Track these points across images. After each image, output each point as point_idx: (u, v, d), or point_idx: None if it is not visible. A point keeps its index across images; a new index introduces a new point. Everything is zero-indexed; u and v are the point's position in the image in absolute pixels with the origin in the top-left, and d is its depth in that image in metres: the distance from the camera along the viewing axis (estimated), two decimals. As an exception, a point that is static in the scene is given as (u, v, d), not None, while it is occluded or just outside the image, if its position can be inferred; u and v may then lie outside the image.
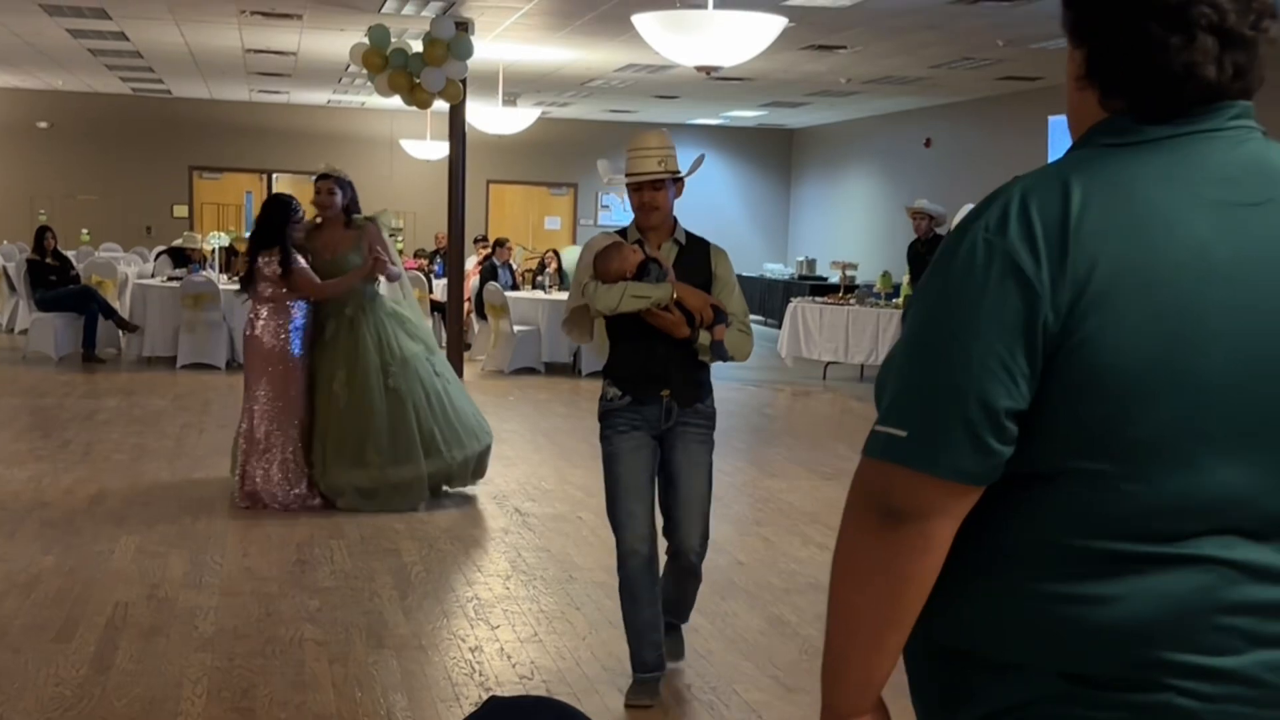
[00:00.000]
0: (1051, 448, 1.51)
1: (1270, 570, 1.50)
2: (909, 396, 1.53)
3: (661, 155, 4.66)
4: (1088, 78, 1.58)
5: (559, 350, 14.67)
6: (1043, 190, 1.50)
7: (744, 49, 8.43)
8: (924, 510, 1.54)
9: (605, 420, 4.72)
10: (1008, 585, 1.56)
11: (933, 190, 15.81)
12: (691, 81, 15.27)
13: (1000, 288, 1.47)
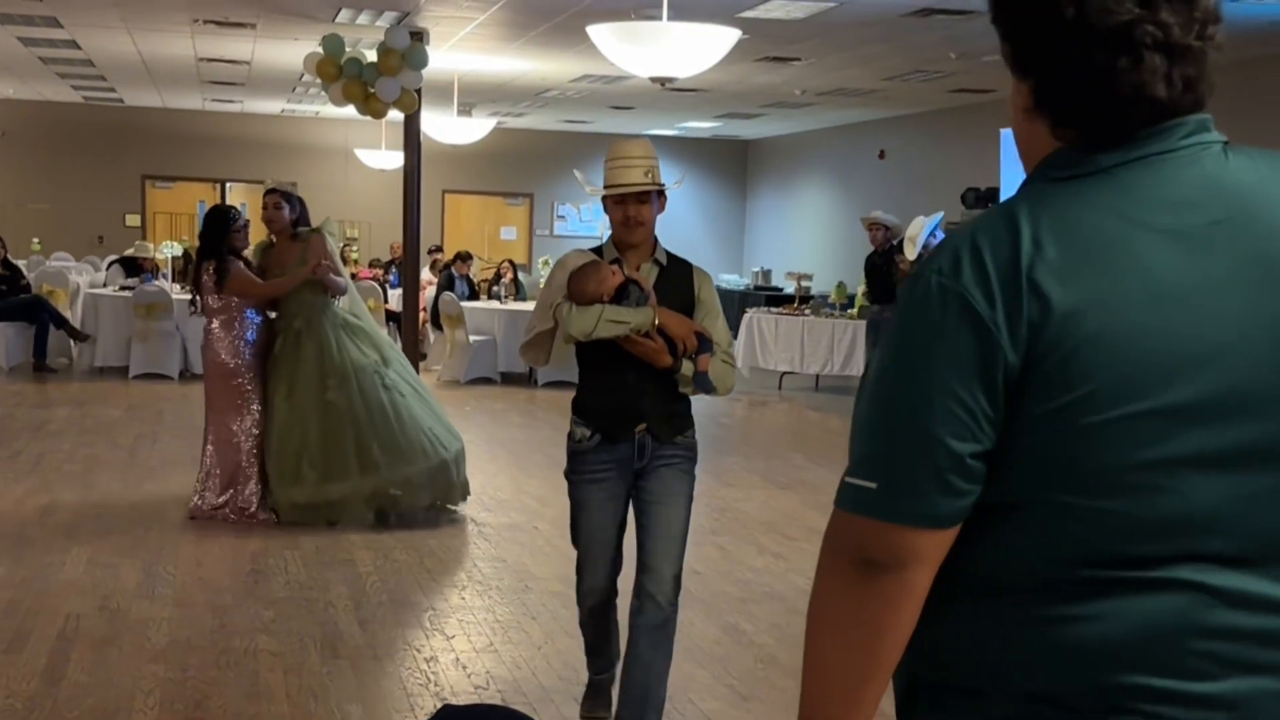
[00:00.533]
0: (1022, 480, 1.50)
1: (1246, 596, 1.48)
2: (875, 446, 1.53)
3: (647, 166, 4.25)
4: (1036, 109, 1.56)
5: (515, 360, 14.65)
6: (993, 231, 1.49)
7: (698, 60, 8.46)
8: (901, 559, 1.52)
9: (573, 463, 4.37)
10: (978, 610, 1.55)
11: (887, 201, 15.90)
12: (647, 92, 15.31)
13: (956, 331, 1.46)
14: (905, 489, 1.49)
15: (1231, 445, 1.46)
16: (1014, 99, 1.61)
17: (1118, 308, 1.43)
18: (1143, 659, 1.47)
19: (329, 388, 7.45)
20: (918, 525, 1.50)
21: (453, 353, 14.69)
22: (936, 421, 1.47)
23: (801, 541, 7.54)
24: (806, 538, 7.65)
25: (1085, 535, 1.48)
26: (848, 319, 14.24)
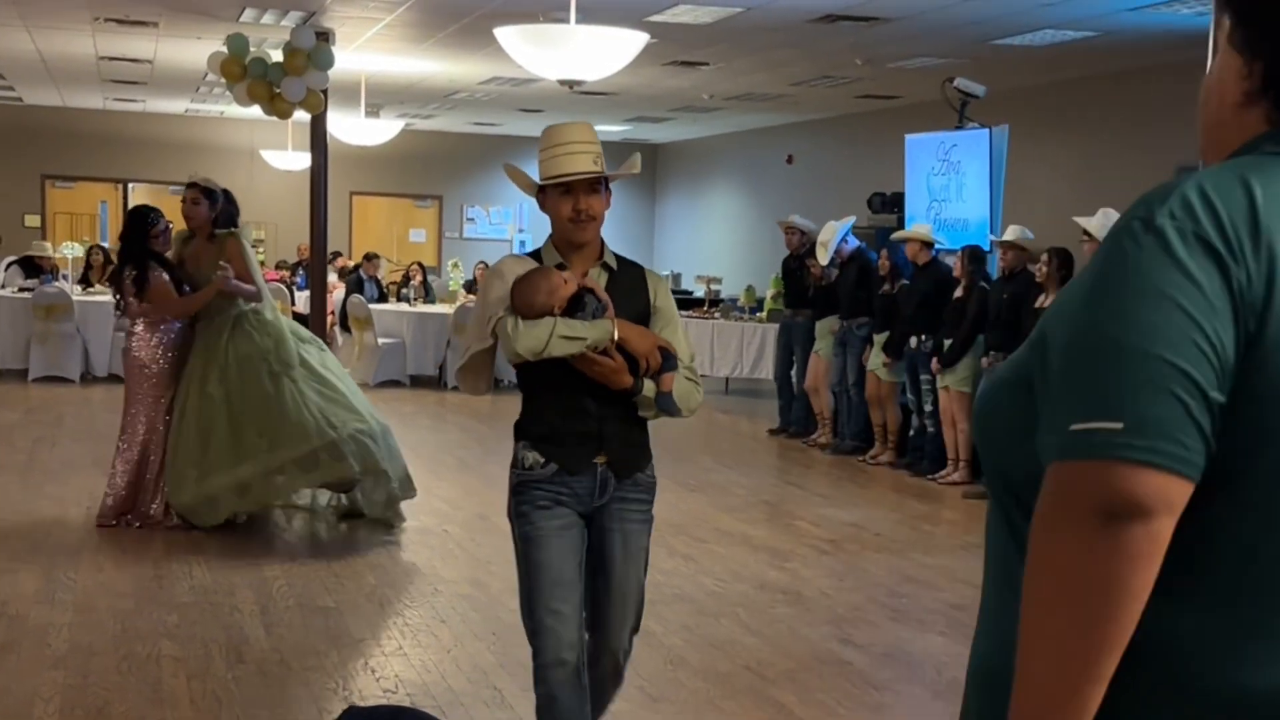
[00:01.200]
0: (1244, 447, 1.37)
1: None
2: (1114, 387, 1.36)
3: (594, 152, 3.73)
4: (1262, 92, 1.45)
5: (424, 363, 14.59)
6: (1222, 183, 1.39)
7: (606, 64, 8.48)
8: (1152, 508, 1.35)
9: (521, 494, 3.69)
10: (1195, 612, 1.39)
11: (795, 206, 16.02)
12: (556, 95, 15.30)
13: (1202, 270, 1.34)
14: (1155, 427, 1.34)
15: None
16: (1222, 82, 1.51)
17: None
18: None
19: (210, 381, 7.31)
20: (1170, 467, 1.34)
21: (361, 355, 14.58)
22: (1185, 359, 1.33)
23: (711, 543, 7.58)
24: (716, 539, 7.69)
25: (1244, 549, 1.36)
26: (757, 322, 14.33)
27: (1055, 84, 13.05)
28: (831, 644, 5.76)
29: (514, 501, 3.72)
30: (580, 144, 3.73)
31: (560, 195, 3.71)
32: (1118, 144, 12.35)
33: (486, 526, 7.86)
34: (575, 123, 3.83)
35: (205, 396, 7.29)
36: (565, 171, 3.68)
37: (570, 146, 3.72)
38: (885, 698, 5.22)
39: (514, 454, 3.75)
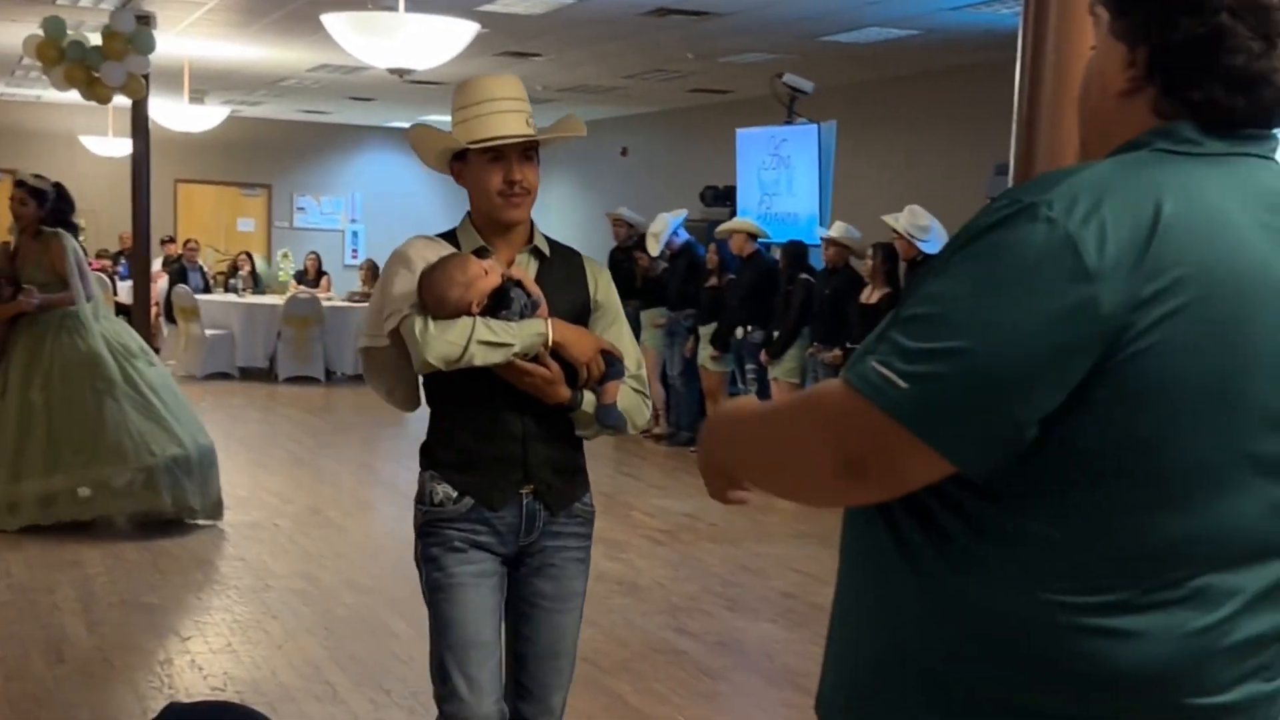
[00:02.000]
0: (1076, 464, 1.36)
1: (1256, 603, 1.42)
2: (923, 353, 1.34)
3: (527, 112, 3.06)
4: (1147, 78, 1.45)
5: (254, 355, 14.31)
6: (1115, 182, 1.37)
7: (436, 53, 8.41)
8: (897, 479, 1.40)
9: (429, 535, 3.07)
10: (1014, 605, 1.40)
11: (629, 198, 16.10)
12: (387, 84, 15.12)
13: (1054, 279, 1.31)
14: (942, 410, 1.34)
15: (1270, 455, 1.40)
16: (1104, 72, 1.50)
17: (1228, 289, 1.34)
18: (1189, 678, 1.39)
19: (32, 387, 7.10)
20: (940, 450, 1.35)
21: (188, 347, 14.24)
22: (1006, 361, 1.31)
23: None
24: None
25: (1139, 536, 1.37)
26: (591, 313, 14.35)
27: (881, 81, 13.33)
28: (667, 633, 5.82)
29: (421, 544, 3.09)
30: (510, 100, 3.04)
31: (487, 163, 3.02)
32: (942, 141, 12.67)
33: (318, 520, 7.75)
34: (501, 75, 3.14)
35: (26, 402, 7.08)
36: (496, 134, 2.99)
37: (499, 104, 3.02)
38: (719, 686, 5.29)
39: (419, 485, 3.11)
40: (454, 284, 2.92)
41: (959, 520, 1.41)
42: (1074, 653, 1.38)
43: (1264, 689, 1.46)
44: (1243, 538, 1.40)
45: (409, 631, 5.60)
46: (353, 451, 10.56)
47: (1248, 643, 1.42)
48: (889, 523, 1.48)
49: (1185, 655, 1.39)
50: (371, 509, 8.61)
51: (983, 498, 1.40)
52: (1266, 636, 1.44)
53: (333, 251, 21.50)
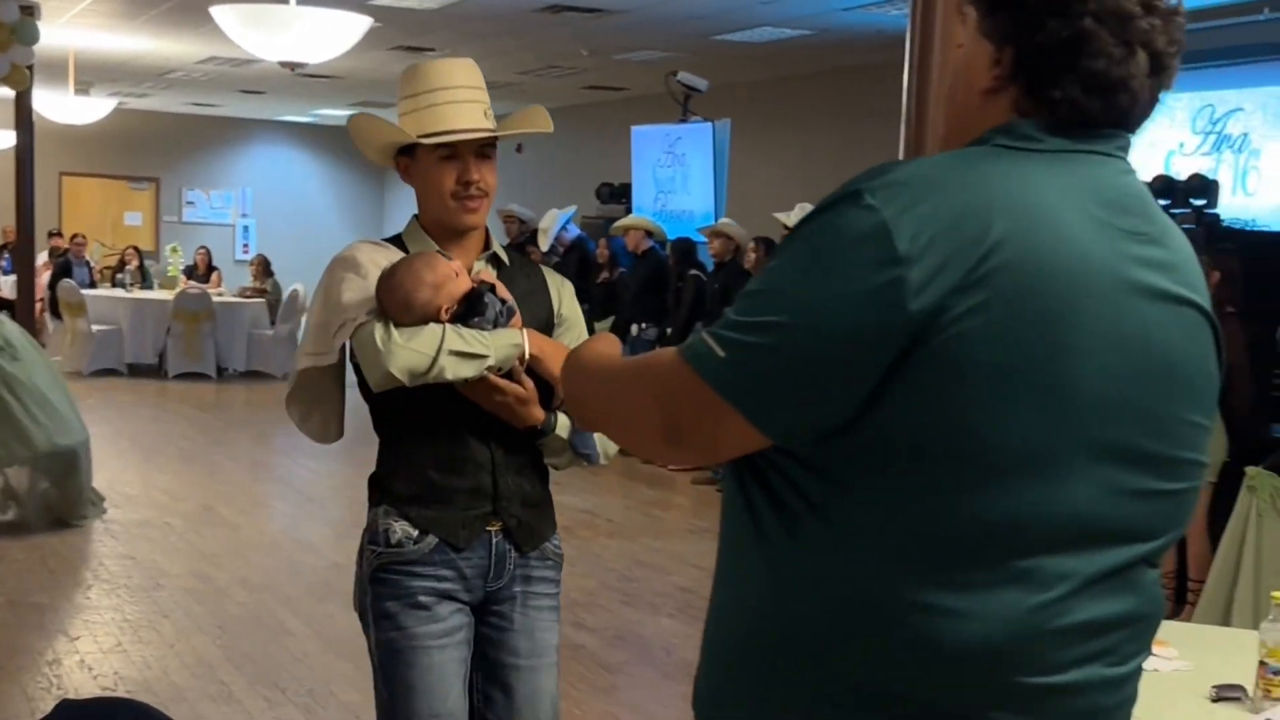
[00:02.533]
0: (899, 446, 1.39)
1: (1094, 590, 1.45)
2: (744, 326, 1.42)
3: (485, 103, 2.73)
4: (1012, 77, 1.49)
5: (143, 351, 14.08)
6: (941, 174, 1.42)
7: (328, 47, 8.35)
8: (710, 443, 1.48)
9: (383, 582, 2.64)
10: (843, 590, 1.44)
11: (525, 194, 16.09)
12: (278, 77, 14.95)
13: (870, 260, 1.36)
14: (757, 380, 1.41)
15: (1110, 439, 1.43)
16: (970, 69, 1.53)
17: (1046, 279, 1.38)
18: (1016, 657, 1.42)
19: None
20: (747, 416, 1.42)
21: (74, 343, 13.96)
22: (818, 339, 1.37)
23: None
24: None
25: (959, 517, 1.40)
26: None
27: (775, 80, 13.47)
28: (565, 628, 5.79)
29: (372, 593, 2.64)
30: (466, 88, 2.70)
31: (439, 160, 2.66)
32: (835, 139, 12.84)
33: (211, 518, 7.67)
34: (456, 60, 2.76)
35: None
36: (450, 127, 2.64)
37: (454, 93, 2.68)
38: (617, 679, 5.33)
39: (369, 523, 2.69)
40: (422, 284, 2.54)
41: (802, 501, 1.45)
42: (907, 631, 1.41)
43: (1107, 673, 1.48)
44: (1075, 521, 1.43)
45: (304, 629, 5.58)
46: (246, 448, 10.45)
47: (1085, 626, 1.45)
48: (749, 506, 1.52)
49: (1016, 634, 1.41)
50: (265, 506, 8.53)
51: (820, 479, 1.44)
52: (1108, 621, 1.47)
53: (223, 246, 21.19)
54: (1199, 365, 1.51)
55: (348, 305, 2.58)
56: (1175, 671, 2.78)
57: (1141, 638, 1.53)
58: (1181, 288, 1.50)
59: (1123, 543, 1.47)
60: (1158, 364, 1.46)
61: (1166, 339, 1.47)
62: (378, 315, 2.55)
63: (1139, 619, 1.51)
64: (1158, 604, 1.54)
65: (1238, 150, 9.29)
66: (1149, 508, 1.48)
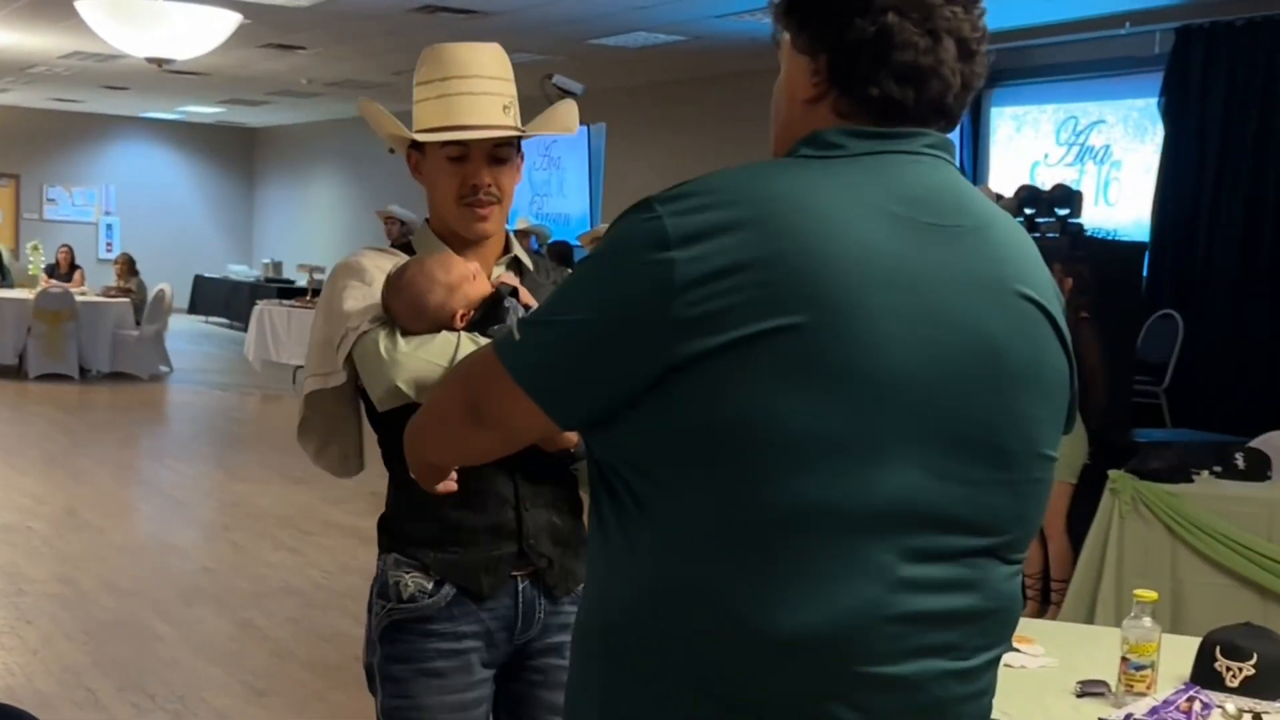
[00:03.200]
0: (702, 437, 1.43)
1: (927, 580, 1.47)
2: (544, 320, 1.53)
3: (507, 96, 2.37)
4: (829, 83, 1.54)
5: (3, 351, 13.69)
6: (722, 184, 1.46)
7: (196, 43, 8.24)
8: (507, 424, 1.60)
9: (394, 641, 2.35)
10: (669, 578, 1.47)
11: (399, 195, 15.96)
12: (144, 73, 14.66)
13: (647, 257, 1.42)
14: (540, 366, 1.52)
15: (929, 425, 1.46)
16: (792, 83, 1.59)
17: (826, 274, 1.41)
18: (848, 646, 1.44)
19: None
20: (534, 399, 1.52)
21: (-73, 345, 13.55)
22: (594, 330, 1.46)
23: (318, 535, 7.51)
24: (323, 531, 7.62)
25: (771, 506, 1.42)
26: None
27: (651, 85, 13.55)
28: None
29: (381, 653, 2.35)
30: (484, 78, 2.35)
31: (446, 161, 2.34)
32: (710, 143, 12.95)
33: (75, 522, 7.50)
34: (479, 45, 2.39)
35: None
36: (460, 122, 2.32)
37: (469, 82, 2.34)
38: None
39: (378, 574, 2.39)
40: (435, 285, 2.23)
41: (631, 499, 1.50)
42: (734, 621, 1.43)
43: (949, 667, 1.50)
44: (894, 507, 1.44)
45: (172, 633, 5.50)
46: (111, 451, 10.22)
47: (920, 616, 1.46)
48: (597, 509, 1.57)
49: (844, 622, 1.43)
50: (132, 509, 8.36)
51: (642, 477, 1.48)
52: (947, 614, 1.48)
53: (86, 245, 20.72)
54: (1033, 355, 1.53)
55: (351, 314, 2.27)
56: (1042, 668, 2.87)
57: (990, 633, 1.54)
58: (1007, 279, 1.53)
59: (954, 532, 1.48)
60: (982, 354, 1.48)
61: (989, 327, 1.49)
62: (382, 322, 2.25)
63: (983, 614, 1.52)
64: (1007, 599, 1.55)
65: (1100, 161, 9.59)
66: (980, 496, 1.49)
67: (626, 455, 1.49)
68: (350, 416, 2.41)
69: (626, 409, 1.47)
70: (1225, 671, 2.67)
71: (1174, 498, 5.05)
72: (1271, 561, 4.89)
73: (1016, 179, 9.24)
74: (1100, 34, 9.10)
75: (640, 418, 1.46)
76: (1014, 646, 2.92)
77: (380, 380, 2.19)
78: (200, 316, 20.94)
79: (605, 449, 1.53)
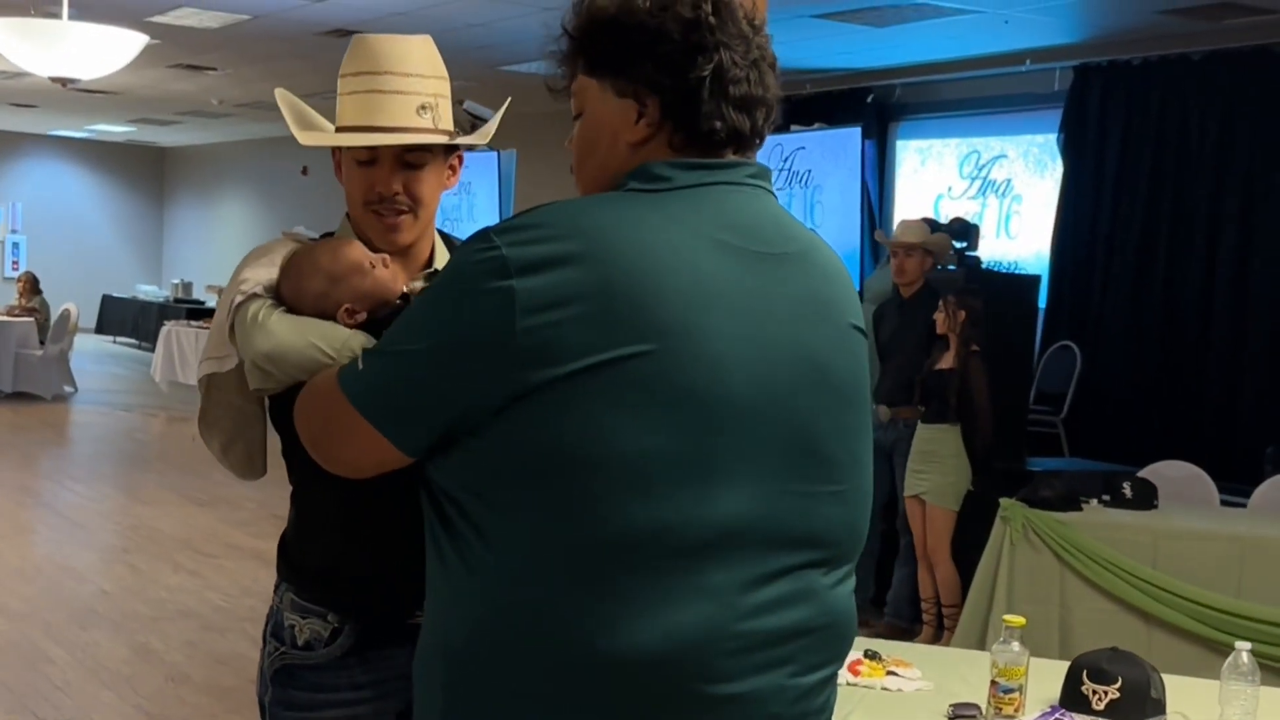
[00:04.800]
0: (533, 460, 1.47)
1: (765, 598, 1.51)
2: (385, 350, 1.60)
3: (428, 93, 2.12)
4: (662, 121, 1.59)
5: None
6: (556, 218, 1.51)
7: (102, 63, 8.16)
8: (352, 453, 1.65)
9: (283, 683, 2.12)
10: (509, 602, 1.50)
11: (310, 217, 15.86)
12: (51, 91, 14.47)
13: (484, 284, 1.47)
14: (379, 393, 1.58)
15: (763, 445, 1.51)
16: (613, 129, 1.63)
17: (654, 296, 1.46)
18: (690, 665, 1.47)
19: None
20: (373, 424, 1.58)
21: None
22: (435, 358, 1.51)
23: (220, 558, 7.44)
24: (225, 554, 7.56)
25: (613, 527, 1.46)
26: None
27: (561, 112, 13.53)
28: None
29: (272, 693, 2.14)
30: (400, 75, 2.10)
31: (356, 164, 2.14)
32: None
33: (-31, 547, 7.38)
34: (402, 37, 2.14)
35: None
36: (369, 123, 2.09)
37: (383, 79, 2.09)
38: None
39: (273, 612, 2.17)
40: (317, 273, 2.02)
41: (467, 524, 1.53)
42: (573, 641, 1.47)
43: (788, 683, 1.53)
44: (733, 526, 1.48)
45: (65, 657, 5.43)
46: (9, 473, 10.05)
47: (759, 633, 1.49)
48: (432, 534, 1.61)
49: (685, 642, 1.45)
50: (29, 531, 8.23)
51: (477, 500, 1.52)
52: (785, 630, 1.52)
53: (-10, 263, 20.39)
54: (851, 370, 1.63)
55: (243, 281, 2.05)
56: (917, 691, 2.94)
57: (827, 648, 1.59)
58: (828, 300, 1.62)
59: (788, 548, 1.53)
60: (808, 371, 1.56)
61: (815, 347, 1.58)
62: (269, 293, 2.04)
63: (818, 628, 1.56)
64: (840, 614, 1.60)
65: (1001, 195, 9.78)
66: (814, 509, 1.55)
67: (465, 481, 1.53)
68: (257, 412, 2.15)
69: (468, 436, 1.51)
70: (1091, 695, 2.76)
71: (1063, 526, 5.17)
72: (1156, 589, 5.02)
73: (921, 211, 9.40)
74: (1002, 70, 9.30)
75: (481, 444, 1.50)
76: (891, 670, 2.99)
77: (246, 349, 1.97)
78: (108, 337, 20.64)
79: (443, 475, 1.56)
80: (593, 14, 1.63)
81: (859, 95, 10.24)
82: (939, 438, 6.06)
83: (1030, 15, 8.15)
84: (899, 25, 8.65)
